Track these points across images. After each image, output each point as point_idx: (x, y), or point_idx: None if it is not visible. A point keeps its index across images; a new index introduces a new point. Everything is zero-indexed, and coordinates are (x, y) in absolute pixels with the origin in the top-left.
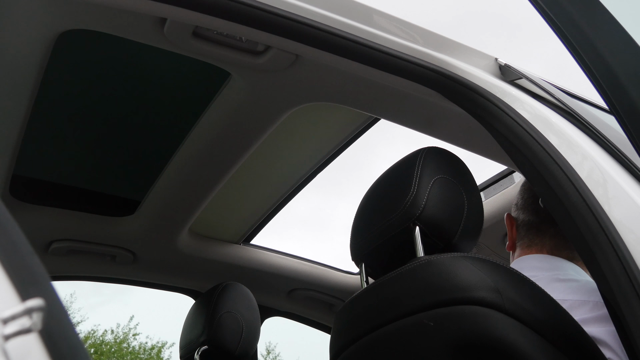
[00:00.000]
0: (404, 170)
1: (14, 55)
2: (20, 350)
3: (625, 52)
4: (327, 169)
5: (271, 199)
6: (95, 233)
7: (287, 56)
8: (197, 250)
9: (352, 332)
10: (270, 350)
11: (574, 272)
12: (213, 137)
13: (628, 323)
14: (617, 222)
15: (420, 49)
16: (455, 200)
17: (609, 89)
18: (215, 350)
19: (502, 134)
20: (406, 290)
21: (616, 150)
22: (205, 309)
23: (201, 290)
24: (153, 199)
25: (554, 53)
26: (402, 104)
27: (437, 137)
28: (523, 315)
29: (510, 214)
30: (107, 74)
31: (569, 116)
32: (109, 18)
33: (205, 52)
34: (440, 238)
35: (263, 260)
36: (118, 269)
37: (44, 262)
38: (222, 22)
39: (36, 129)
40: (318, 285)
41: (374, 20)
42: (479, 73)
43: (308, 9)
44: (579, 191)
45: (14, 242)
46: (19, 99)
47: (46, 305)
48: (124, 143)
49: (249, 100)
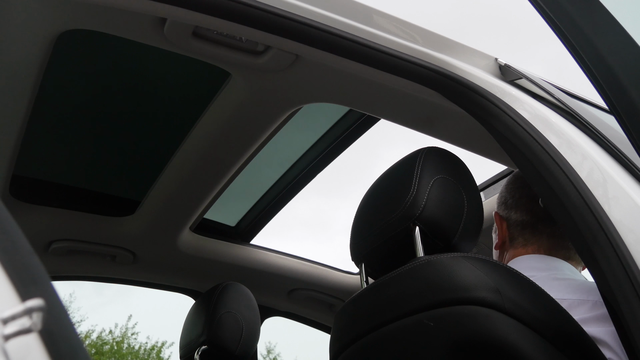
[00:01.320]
0: (404, 170)
1: (14, 55)
2: (20, 350)
3: (625, 52)
4: (328, 170)
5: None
6: (95, 233)
7: (287, 56)
8: (197, 250)
9: (352, 332)
10: (270, 350)
11: (570, 271)
12: (213, 137)
13: (628, 323)
14: (617, 222)
15: (420, 49)
16: (455, 200)
17: (609, 89)
18: (215, 350)
19: (502, 134)
20: (406, 290)
21: (616, 150)
22: (205, 309)
23: (201, 290)
24: (153, 199)
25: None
26: (402, 104)
27: (437, 137)
28: (523, 315)
29: (498, 213)
30: (107, 74)
31: (569, 116)
32: (109, 18)
33: (205, 52)
34: (440, 238)
35: (263, 260)
36: (118, 269)
37: (44, 262)
38: (222, 22)
39: (36, 129)
40: (318, 285)
41: (374, 20)
42: (479, 73)
43: (308, 9)
44: (579, 191)
45: (14, 242)
46: (19, 99)
47: (46, 305)
48: (124, 143)
49: (249, 100)
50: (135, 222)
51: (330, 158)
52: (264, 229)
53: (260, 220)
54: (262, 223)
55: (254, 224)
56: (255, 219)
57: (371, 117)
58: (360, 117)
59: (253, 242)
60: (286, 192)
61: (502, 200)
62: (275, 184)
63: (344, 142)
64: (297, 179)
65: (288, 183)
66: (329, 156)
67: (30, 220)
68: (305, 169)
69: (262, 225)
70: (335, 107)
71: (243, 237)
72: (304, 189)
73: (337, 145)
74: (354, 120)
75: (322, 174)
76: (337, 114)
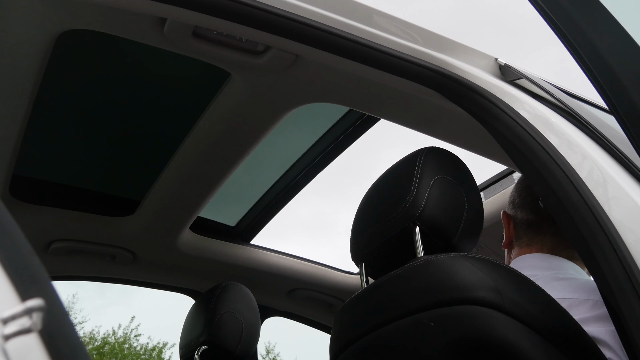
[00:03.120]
0: (404, 170)
1: (14, 55)
2: (20, 350)
3: (625, 52)
4: (329, 172)
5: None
6: (95, 233)
7: (287, 56)
8: (197, 250)
9: (352, 332)
10: (270, 350)
11: (574, 271)
12: (213, 137)
13: (628, 323)
14: (617, 222)
15: (420, 49)
16: (455, 200)
17: (609, 89)
18: (215, 350)
19: (502, 134)
20: (406, 290)
21: (616, 150)
22: (205, 309)
23: (201, 290)
24: (153, 199)
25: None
26: (402, 104)
27: (437, 137)
28: (523, 315)
29: (506, 212)
30: (107, 74)
31: (569, 116)
32: (109, 18)
33: (205, 52)
34: (440, 238)
35: (263, 260)
36: (118, 269)
37: (44, 262)
38: (222, 22)
39: (36, 129)
40: (318, 285)
41: (374, 20)
42: (479, 73)
43: (308, 9)
44: (579, 191)
45: (14, 242)
46: (19, 99)
47: (46, 305)
48: (124, 143)
49: (249, 100)
50: (135, 222)
51: (330, 158)
52: (267, 231)
53: (260, 221)
54: (262, 223)
55: (254, 224)
56: (255, 219)
57: (371, 117)
58: (360, 117)
59: (253, 242)
60: (286, 192)
61: (510, 199)
62: (275, 184)
63: (344, 142)
64: (297, 179)
65: (288, 183)
66: (329, 156)
67: (30, 220)
68: (305, 169)
69: (262, 225)
70: (335, 107)
71: (243, 237)
72: (305, 192)
73: (337, 145)
74: (354, 120)
75: (324, 176)
76: (337, 114)
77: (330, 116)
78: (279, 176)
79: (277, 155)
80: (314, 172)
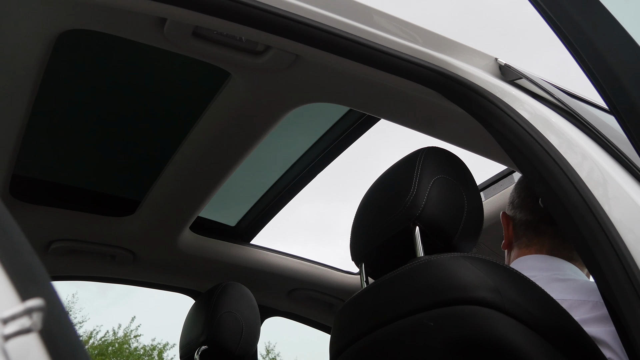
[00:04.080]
0: (404, 170)
1: (14, 55)
2: (20, 350)
3: (625, 52)
4: (330, 174)
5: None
6: (95, 233)
7: (287, 56)
8: (197, 250)
9: (352, 332)
10: (270, 350)
11: (572, 272)
12: (213, 137)
13: (628, 323)
14: (617, 222)
15: (420, 49)
16: (455, 200)
17: (609, 89)
18: (215, 350)
19: (502, 134)
20: (406, 290)
21: (616, 150)
22: (205, 308)
23: (201, 290)
24: (153, 199)
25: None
26: (402, 104)
27: (437, 137)
28: (523, 315)
29: (506, 213)
30: (107, 74)
31: (569, 116)
32: (109, 18)
33: (205, 52)
34: (440, 238)
35: (263, 260)
36: (118, 269)
37: (44, 262)
38: (222, 22)
39: (36, 129)
40: (318, 285)
41: (374, 20)
42: (479, 73)
43: (308, 9)
44: (579, 191)
45: (14, 242)
46: (19, 99)
47: (46, 305)
48: (124, 143)
49: (249, 100)
50: (135, 222)
51: (330, 158)
52: (268, 233)
53: (260, 221)
54: (262, 223)
55: (254, 224)
56: (256, 219)
57: (371, 117)
58: (360, 117)
59: (253, 242)
60: (286, 192)
61: (510, 200)
62: (275, 184)
63: (344, 142)
64: (297, 179)
65: (288, 183)
66: (329, 156)
67: (30, 220)
68: (305, 169)
69: (262, 225)
70: (335, 107)
71: (243, 237)
72: (306, 193)
73: (337, 145)
74: (354, 120)
75: (325, 178)
76: (337, 114)
77: (330, 116)
78: (279, 176)
79: (277, 155)
80: (314, 172)
